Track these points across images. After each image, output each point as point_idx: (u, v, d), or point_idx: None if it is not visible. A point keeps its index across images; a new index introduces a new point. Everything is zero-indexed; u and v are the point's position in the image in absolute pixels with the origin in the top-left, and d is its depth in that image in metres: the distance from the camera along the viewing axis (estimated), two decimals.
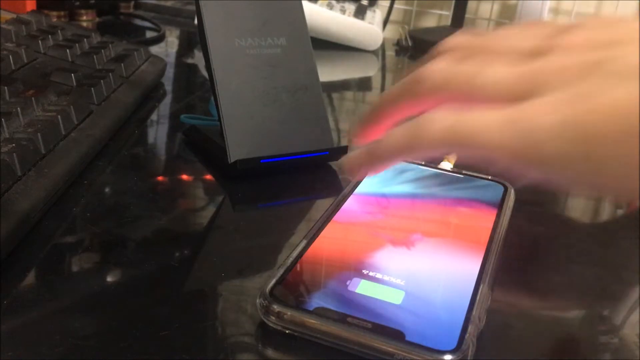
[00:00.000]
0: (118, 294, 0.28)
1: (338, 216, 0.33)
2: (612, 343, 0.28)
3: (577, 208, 0.43)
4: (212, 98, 0.41)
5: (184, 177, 0.41)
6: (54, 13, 0.78)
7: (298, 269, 0.28)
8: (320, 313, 0.25)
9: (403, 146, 0.24)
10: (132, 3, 0.92)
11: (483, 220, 0.34)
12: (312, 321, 0.25)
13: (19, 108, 0.36)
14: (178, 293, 0.28)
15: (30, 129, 0.35)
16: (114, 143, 0.43)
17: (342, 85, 0.74)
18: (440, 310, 0.26)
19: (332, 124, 0.52)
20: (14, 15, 0.57)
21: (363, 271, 0.28)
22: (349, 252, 0.30)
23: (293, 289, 0.27)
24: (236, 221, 0.37)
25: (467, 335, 0.24)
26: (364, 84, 0.78)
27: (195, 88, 0.62)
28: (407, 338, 0.24)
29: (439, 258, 0.30)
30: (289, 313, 0.25)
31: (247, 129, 0.40)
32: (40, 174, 0.33)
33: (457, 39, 0.25)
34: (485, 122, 0.21)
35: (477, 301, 0.27)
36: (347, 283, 0.27)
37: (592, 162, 0.20)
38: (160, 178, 0.41)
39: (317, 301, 0.26)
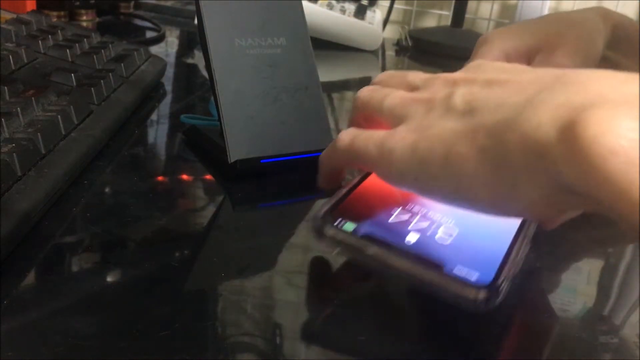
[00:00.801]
0: (118, 294, 0.28)
1: None
2: (612, 343, 0.28)
3: None
4: (212, 98, 0.41)
5: (184, 177, 0.41)
6: (54, 13, 0.78)
7: (352, 198, 0.30)
8: (368, 239, 0.27)
9: (327, 160, 0.33)
10: (132, 3, 0.92)
11: None
12: (359, 245, 0.26)
13: (19, 108, 0.36)
14: (178, 293, 0.28)
15: (30, 129, 0.35)
16: (114, 143, 0.43)
17: (342, 85, 0.74)
18: (482, 248, 0.27)
19: (332, 124, 0.52)
20: (14, 15, 0.57)
21: (412, 207, 0.30)
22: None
23: (347, 214, 0.28)
24: (236, 221, 0.37)
25: (503, 273, 0.25)
26: (364, 84, 0.78)
27: (195, 88, 0.63)
28: (446, 270, 0.25)
29: None
30: (339, 236, 0.27)
31: (247, 129, 0.40)
32: (40, 174, 0.33)
33: (381, 76, 0.34)
34: (368, 142, 0.28)
35: (516, 244, 0.27)
36: (397, 216, 0.29)
37: (421, 181, 0.26)
38: (160, 178, 0.41)
39: (367, 228, 0.27)
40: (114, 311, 0.26)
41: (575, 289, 0.32)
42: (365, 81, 0.79)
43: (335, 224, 0.27)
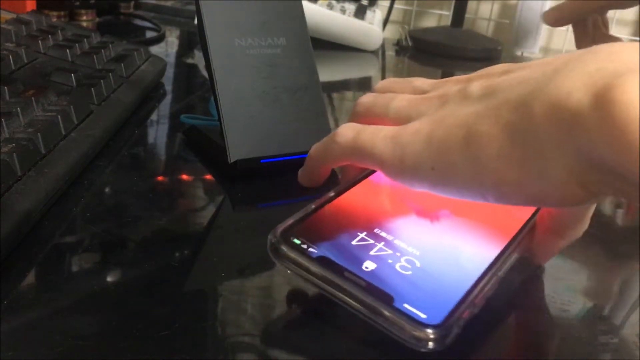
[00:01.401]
0: (118, 294, 0.28)
1: (374, 176, 0.32)
2: (612, 343, 0.28)
3: None
4: (212, 98, 0.41)
5: (184, 177, 0.41)
6: (54, 13, 0.78)
7: (316, 216, 0.28)
8: (322, 262, 0.26)
9: (320, 157, 0.31)
10: (132, 3, 0.92)
11: (520, 211, 0.32)
12: (312, 267, 0.25)
13: (19, 108, 0.36)
14: (178, 293, 0.28)
15: (30, 129, 0.35)
16: (114, 143, 0.43)
17: (342, 85, 0.74)
18: (441, 286, 0.26)
19: (332, 124, 0.52)
20: (14, 15, 0.57)
21: (379, 233, 0.28)
22: (371, 212, 0.30)
23: (305, 234, 0.27)
24: (236, 221, 0.37)
25: (456, 314, 0.24)
26: (364, 84, 0.78)
27: (195, 88, 0.63)
28: (395, 303, 0.24)
29: (459, 237, 0.29)
30: (292, 255, 0.26)
31: (247, 129, 0.40)
32: (40, 174, 0.33)
33: (383, 83, 0.33)
34: (376, 137, 0.27)
35: (480, 285, 0.26)
36: (360, 241, 0.27)
37: (438, 171, 0.24)
38: (160, 178, 0.41)
39: (323, 250, 0.26)
40: (114, 311, 0.26)
41: (575, 289, 0.32)
42: (365, 81, 0.79)
43: (292, 242, 0.26)
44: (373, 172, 0.32)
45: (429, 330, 0.23)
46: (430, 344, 0.23)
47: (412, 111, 0.27)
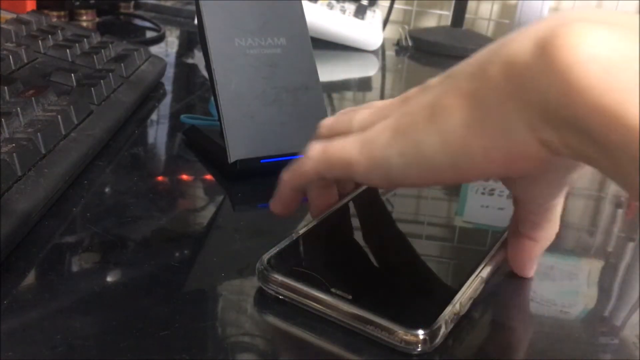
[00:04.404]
0: (118, 294, 0.28)
1: (350, 203, 0.35)
2: (612, 344, 0.28)
3: (578, 208, 0.43)
4: (212, 98, 0.41)
5: (184, 177, 0.41)
6: (54, 13, 0.78)
7: (300, 243, 0.30)
8: (309, 282, 0.27)
9: (291, 176, 0.31)
10: (132, 3, 0.92)
11: (503, 219, 0.34)
12: (299, 288, 0.27)
13: (19, 108, 0.36)
14: (178, 293, 0.28)
15: (30, 129, 0.35)
16: (114, 143, 0.43)
17: (342, 85, 0.74)
18: (426, 291, 0.27)
19: None
20: (14, 15, 0.57)
21: (363, 251, 0.30)
22: (354, 234, 0.32)
23: (291, 259, 0.29)
24: (236, 221, 0.37)
25: (442, 316, 0.25)
26: (364, 84, 0.78)
27: (195, 88, 0.62)
28: (382, 311, 0.25)
29: (442, 247, 0.32)
30: (280, 279, 0.27)
31: (247, 129, 0.40)
32: (40, 174, 0.33)
33: (340, 112, 0.32)
34: (344, 144, 0.27)
35: (463, 288, 0.27)
36: (344, 260, 0.29)
37: (406, 154, 0.24)
38: (160, 178, 0.41)
39: (309, 272, 0.28)
40: (114, 311, 0.26)
41: (575, 290, 0.32)
42: (365, 81, 0.79)
43: (279, 267, 0.28)
44: (350, 199, 0.34)
45: (417, 332, 0.24)
46: (420, 347, 0.24)
47: (376, 117, 0.27)
